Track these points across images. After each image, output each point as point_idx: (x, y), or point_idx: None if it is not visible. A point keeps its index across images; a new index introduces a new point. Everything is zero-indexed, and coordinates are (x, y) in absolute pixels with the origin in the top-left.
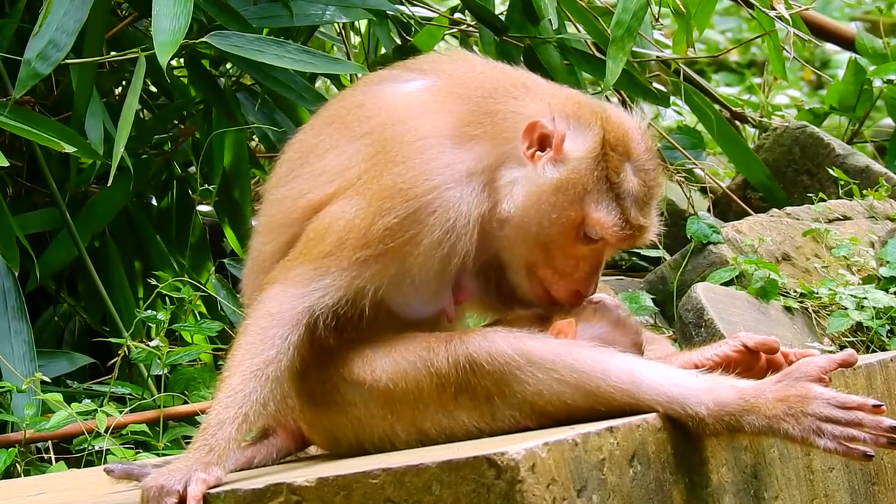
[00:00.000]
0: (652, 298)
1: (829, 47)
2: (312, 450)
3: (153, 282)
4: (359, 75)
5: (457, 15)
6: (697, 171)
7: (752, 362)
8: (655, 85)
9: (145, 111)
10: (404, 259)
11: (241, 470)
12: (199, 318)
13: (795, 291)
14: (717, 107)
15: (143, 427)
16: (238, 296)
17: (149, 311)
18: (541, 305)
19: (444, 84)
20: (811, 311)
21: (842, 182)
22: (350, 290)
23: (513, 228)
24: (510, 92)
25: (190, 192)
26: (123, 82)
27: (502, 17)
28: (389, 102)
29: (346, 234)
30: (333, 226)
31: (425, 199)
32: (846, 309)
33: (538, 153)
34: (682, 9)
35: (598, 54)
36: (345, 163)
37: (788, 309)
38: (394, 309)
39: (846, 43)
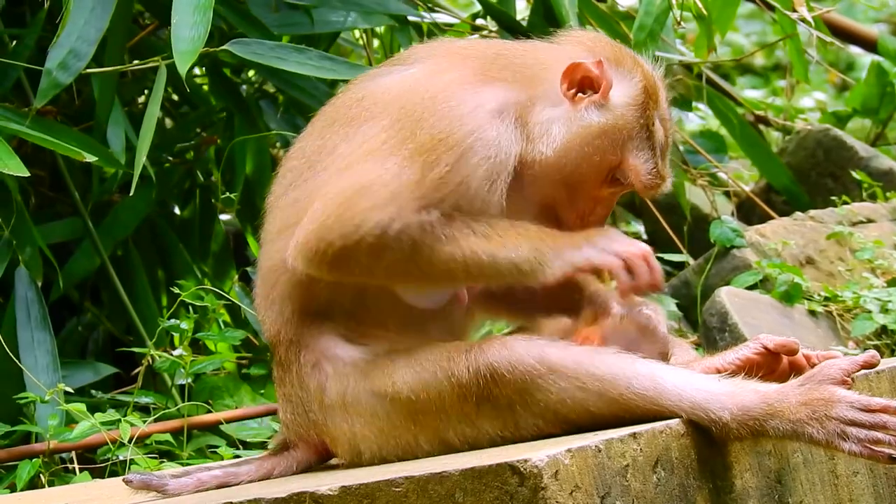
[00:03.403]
0: (676, 303)
1: (855, 49)
2: (333, 463)
3: (176, 290)
4: None
5: (478, 21)
6: (721, 174)
7: (774, 364)
8: (678, 89)
9: (167, 120)
10: (458, 206)
11: (260, 480)
12: (222, 327)
13: (819, 295)
14: (740, 110)
15: (167, 437)
16: None
17: (172, 320)
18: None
19: (446, 56)
20: (835, 314)
21: (865, 185)
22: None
23: (544, 167)
24: (520, 48)
25: (212, 200)
26: (145, 91)
27: (524, 23)
28: (393, 85)
29: (398, 187)
30: (377, 182)
31: (467, 143)
32: (870, 312)
33: (580, 94)
34: (704, 12)
35: None
36: (359, 142)
37: (813, 312)
38: (406, 297)
39: (869, 45)
